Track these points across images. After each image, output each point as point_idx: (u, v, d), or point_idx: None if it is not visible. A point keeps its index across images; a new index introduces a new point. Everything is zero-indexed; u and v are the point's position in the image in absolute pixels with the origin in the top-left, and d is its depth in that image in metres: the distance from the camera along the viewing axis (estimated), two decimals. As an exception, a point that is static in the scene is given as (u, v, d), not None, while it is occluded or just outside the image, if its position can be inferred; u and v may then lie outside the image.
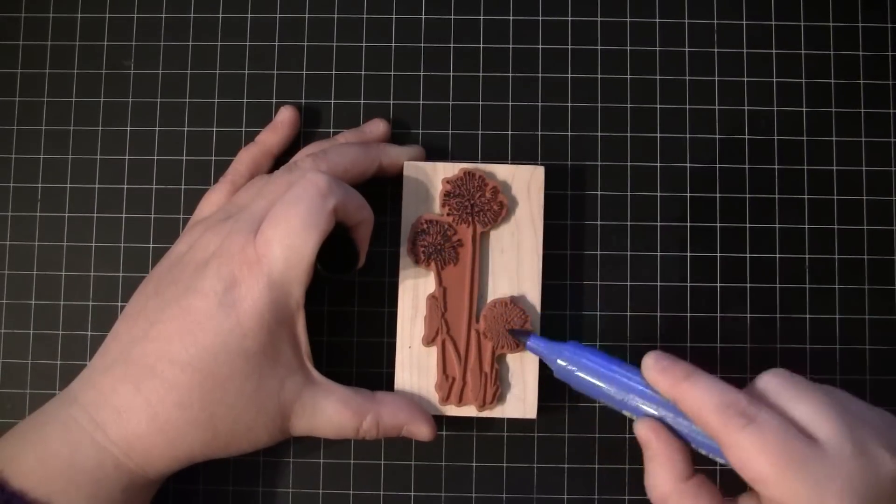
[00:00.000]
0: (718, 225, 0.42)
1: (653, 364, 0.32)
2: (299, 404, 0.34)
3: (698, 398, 0.30)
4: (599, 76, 0.42)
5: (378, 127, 0.41)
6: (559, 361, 0.35)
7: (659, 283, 0.41)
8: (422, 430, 0.36)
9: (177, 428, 0.33)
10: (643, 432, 0.32)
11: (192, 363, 0.32)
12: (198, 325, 0.33)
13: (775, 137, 0.42)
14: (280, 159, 0.41)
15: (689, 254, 0.41)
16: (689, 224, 0.42)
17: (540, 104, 0.42)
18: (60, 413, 0.33)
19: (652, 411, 0.33)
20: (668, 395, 0.31)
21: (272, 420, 0.34)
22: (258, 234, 0.33)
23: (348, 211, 0.35)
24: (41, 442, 0.32)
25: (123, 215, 0.42)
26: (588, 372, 0.34)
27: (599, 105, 0.42)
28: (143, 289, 0.36)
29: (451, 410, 0.38)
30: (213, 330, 0.32)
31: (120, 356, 0.33)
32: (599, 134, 0.42)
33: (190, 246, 0.35)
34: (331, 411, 0.35)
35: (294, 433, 0.35)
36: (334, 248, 0.36)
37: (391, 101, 0.42)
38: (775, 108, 0.42)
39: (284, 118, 0.41)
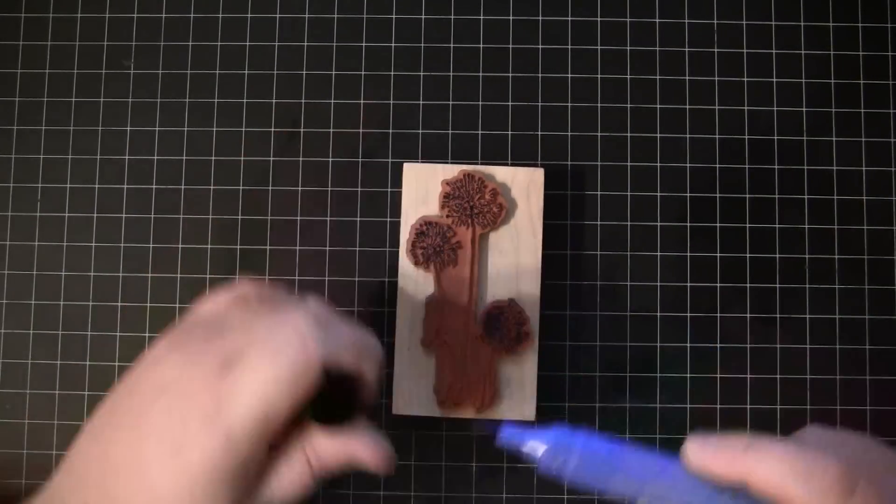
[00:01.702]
0: (718, 225, 0.42)
1: (699, 447, 0.27)
2: None
3: (775, 468, 0.26)
4: (599, 76, 0.42)
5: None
6: (541, 451, 0.28)
7: (659, 283, 0.41)
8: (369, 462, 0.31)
9: None
10: None
11: None
12: (144, 473, 0.28)
13: (775, 137, 0.42)
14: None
15: (689, 254, 0.41)
16: (689, 224, 0.42)
17: (540, 104, 0.42)
18: None
19: (686, 500, 0.27)
20: (728, 474, 0.27)
21: None
22: (224, 380, 0.29)
23: (343, 362, 0.30)
24: None
25: (123, 215, 0.42)
26: (589, 463, 0.28)
27: (599, 105, 0.42)
28: (108, 400, 0.31)
29: (450, 413, 0.38)
30: (161, 476, 0.28)
31: (79, 483, 0.30)
32: (599, 134, 0.42)
33: (158, 359, 0.31)
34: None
35: None
36: (332, 392, 0.30)
37: (391, 101, 0.42)
38: (775, 108, 0.42)
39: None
